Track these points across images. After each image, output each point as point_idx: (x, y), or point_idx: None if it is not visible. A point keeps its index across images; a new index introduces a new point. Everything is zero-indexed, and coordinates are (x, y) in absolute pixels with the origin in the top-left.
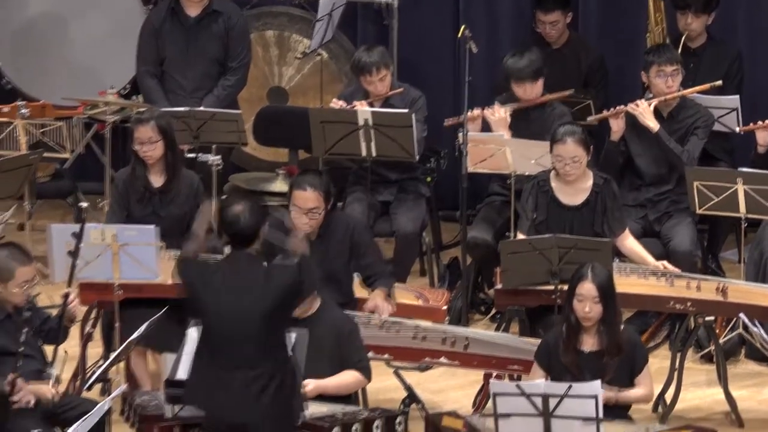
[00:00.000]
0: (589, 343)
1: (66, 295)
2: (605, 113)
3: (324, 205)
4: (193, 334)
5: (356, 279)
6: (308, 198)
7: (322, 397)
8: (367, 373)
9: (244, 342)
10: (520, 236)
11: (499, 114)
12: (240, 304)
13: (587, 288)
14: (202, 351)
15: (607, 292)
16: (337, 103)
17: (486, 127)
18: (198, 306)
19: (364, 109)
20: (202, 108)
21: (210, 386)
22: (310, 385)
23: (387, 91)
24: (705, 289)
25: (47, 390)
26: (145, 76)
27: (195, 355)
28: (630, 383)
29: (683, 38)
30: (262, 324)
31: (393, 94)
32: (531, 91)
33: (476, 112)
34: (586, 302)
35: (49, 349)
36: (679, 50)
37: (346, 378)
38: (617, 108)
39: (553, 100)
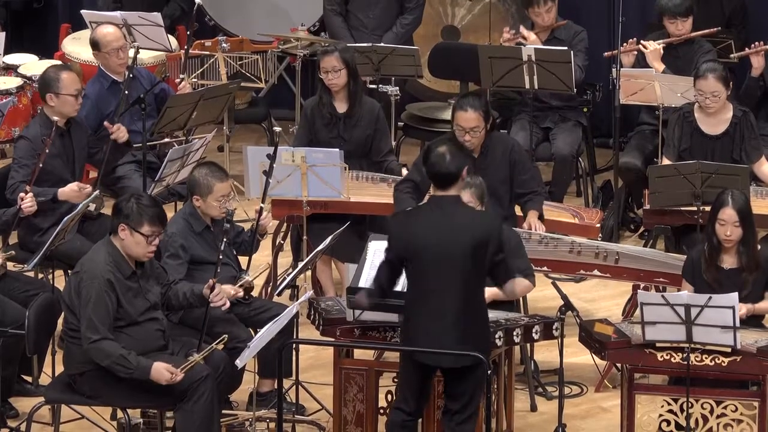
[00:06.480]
0: (729, 261)
1: (259, 211)
2: (747, 51)
3: (484, 124)
4: (373, 246)
5: None
6: (469, 118)
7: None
8: (533, 280)
9: (450, 275)
10: (666, 161)
11: (654, 46)
12: (447, 239)
13: (728, 213)
14: (413, 297)
15: (745, 216)
16: (506, 30)
17: (638, 63)
18: (407, 252)
19: (528, 46)
20: (383, 44)
21: (421, 329)
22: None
23: (552, 23)
24: None
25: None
26: (331, 14)
27: (406, 303)
28: (763, 296)
29: None
30: (467, 258)
31: (558, 25)
32: (682, 26)
33: (631, 41)
34: (728, 226)
35: (243, 260)
36: None
37: (520, 284)
38: (759, 46)
39: (700, 36)
